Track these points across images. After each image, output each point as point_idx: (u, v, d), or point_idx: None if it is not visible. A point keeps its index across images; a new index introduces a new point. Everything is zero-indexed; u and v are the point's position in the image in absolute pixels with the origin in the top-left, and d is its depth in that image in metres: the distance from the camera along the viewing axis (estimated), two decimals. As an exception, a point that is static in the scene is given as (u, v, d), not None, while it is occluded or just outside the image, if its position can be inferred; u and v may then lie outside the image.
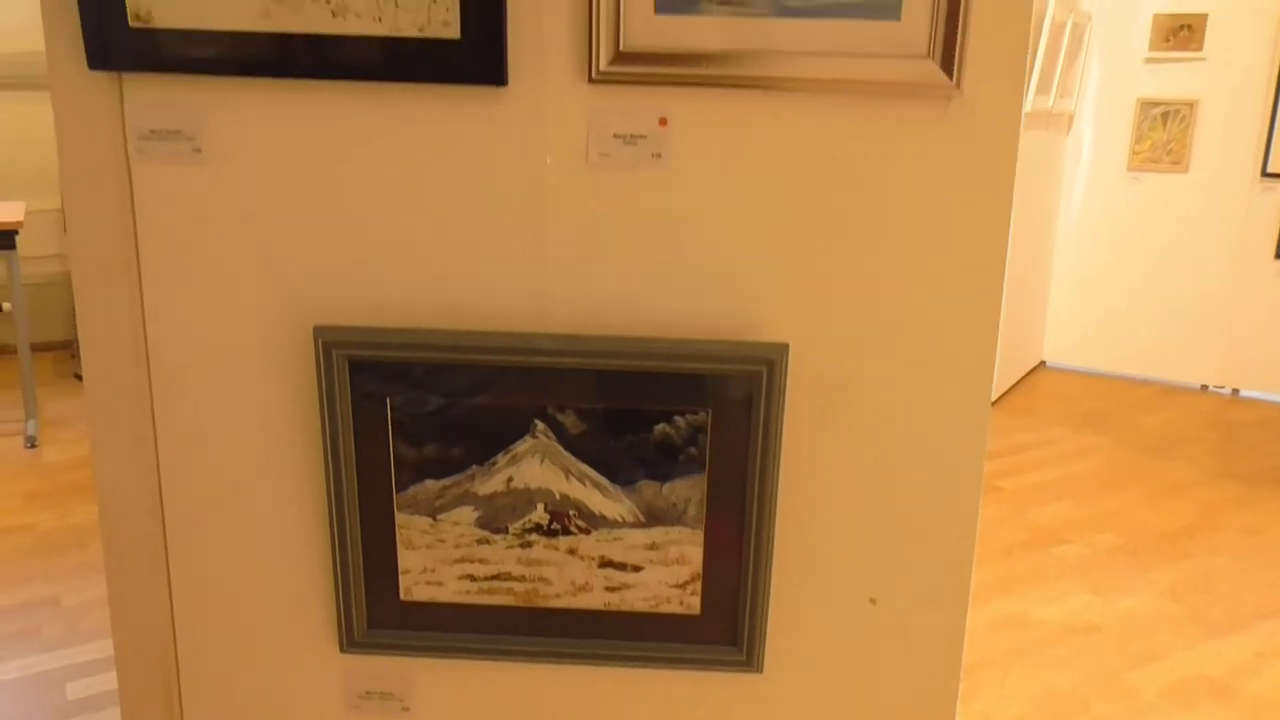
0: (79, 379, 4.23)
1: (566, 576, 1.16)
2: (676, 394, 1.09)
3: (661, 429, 1.10)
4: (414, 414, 1.11)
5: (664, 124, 1.06)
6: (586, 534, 1.14)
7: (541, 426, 1.11)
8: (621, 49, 1.02)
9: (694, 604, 1.17)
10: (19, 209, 3.58)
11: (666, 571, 1.15)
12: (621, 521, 1.14)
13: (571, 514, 1.14)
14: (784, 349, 1.07)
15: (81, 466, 3.33)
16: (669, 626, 1.18)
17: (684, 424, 1.10)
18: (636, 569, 1.16)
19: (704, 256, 1.10)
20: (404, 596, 1.18)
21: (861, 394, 1.14)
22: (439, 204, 1.09)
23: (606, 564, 1.15)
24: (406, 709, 1.26)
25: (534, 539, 1.15)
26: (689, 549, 1.15)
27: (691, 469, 1.12)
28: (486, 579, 1.17)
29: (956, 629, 1.21)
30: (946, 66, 1.02)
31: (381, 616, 1.19)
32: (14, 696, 2.09)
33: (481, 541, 1.15)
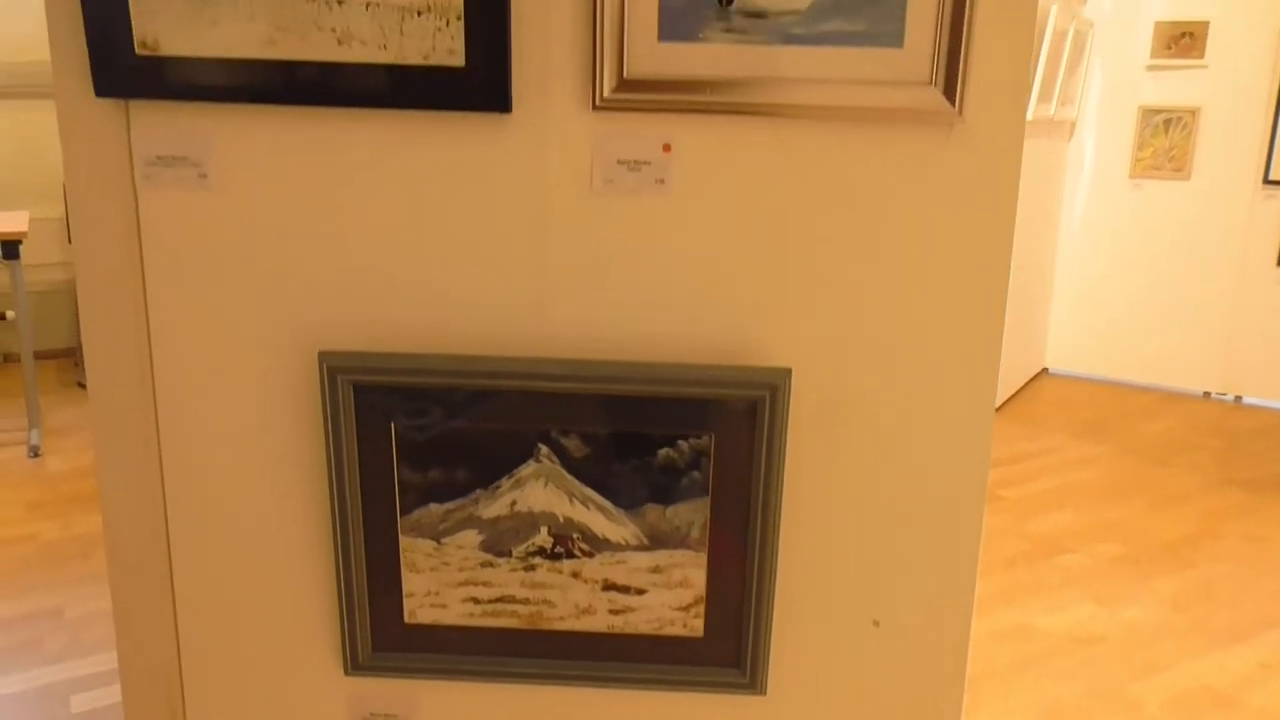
0: (82, 387, 4.23)
1: (570, 599, 1.16)
2: (680, 418, 1.09)
3: (665, 453, 1.11)
4: (418, 438, 1.11)
5: (668, 150, 1.06)
6: (590, 557, 1.15)
7: (545, 450, 1.11)
8: (625, 76, 1.02)
9: (697, 626, 1.17)
10: (23, 218, 3.58)
11: (670, 594, 1.16)
12: (625, 544, 1.14)
13: (575, 537, 1.14)
14: (786, 373, 1.08)
15: (85, 476, 3.33)
16: (672, 649, 1.18)
17: (687, 448, 1.11)
18: (640, 592, 1.16)
19: (707, 281, 1.10)
20: (408, 619, 1.18)
21: (864, 417, 1.14)
22: (444, 230, 1.09)
23: (610, 587, 1.16)
24: (411, 730, 1.26)
25: (538, 562, 1.15)
26: (692, 572, 1.15)
27: (695, 492, 1.12)
28: (491, 602, 1.17)
29: (960, 648, 1.21)
30: (949, 93, 1.02)
31: (386, 639, 1.19)
32: (17, 710, 2.09)
33: (485, 564, 1.15)
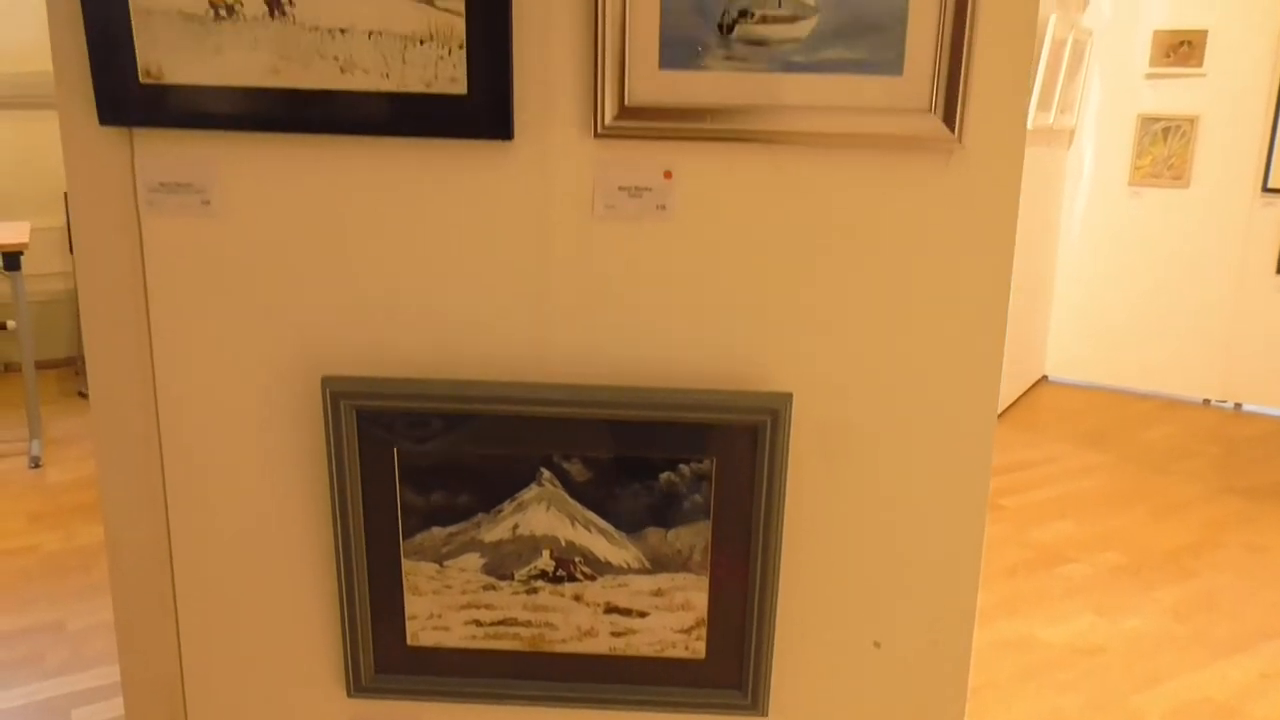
0: (83, 396, 4.23)
1: (572, 622, 1.17)
2: (681, 443, 1.10)
3: (666, 477, 1.11)
4: (421, 462, 1.12)
5: (669, 177, 1.07)
6: (592, 580, 1.15)
7: (548, 475, 1.11)
8: (626, 104, 1.03)
9: (699, 649, 1.17)
10: (24, 229, 3.59)
11: (671, 617, 1.16)
12: (627, 568, 1.14)
13: (577, 560, 1.14)
14: (787, 398, 1.08)
15: (86, 487, 3.33)
16: (674, 671, 1.18)
17: (689, 472, 1.11)
18: (642, 614, 1.16)
19: (708, 307, 1.11)
20: (411, 641, 1.18)
21: (865, 442, 1.14)
22: (446, 256, 1.10)
23: (612, 610, 1.16)
24: (413, 751, 1.26)
25: (540, 585, 1.15)
26: (694, 594, 1.15)
27: (696, 516, 1.12)
28: (493, 624, 1.17)
29: (960, 669, 1.21)
30: (949, 120, 1.03)
31: (388, 661, 1.19)
32: (20, 724, 2.09)
33: (488, 588, 1.16)
